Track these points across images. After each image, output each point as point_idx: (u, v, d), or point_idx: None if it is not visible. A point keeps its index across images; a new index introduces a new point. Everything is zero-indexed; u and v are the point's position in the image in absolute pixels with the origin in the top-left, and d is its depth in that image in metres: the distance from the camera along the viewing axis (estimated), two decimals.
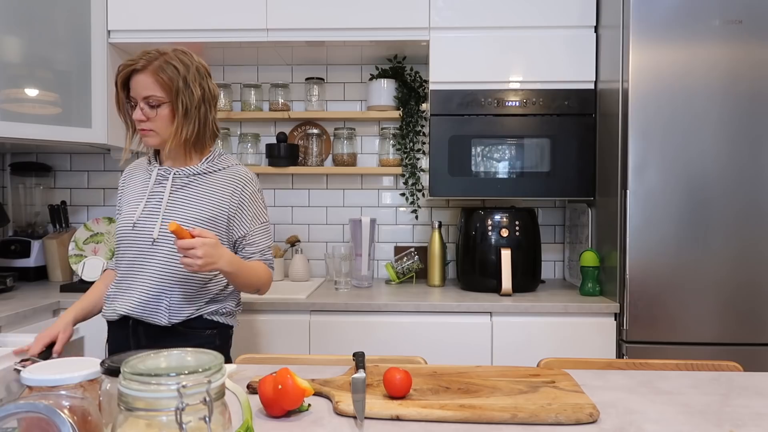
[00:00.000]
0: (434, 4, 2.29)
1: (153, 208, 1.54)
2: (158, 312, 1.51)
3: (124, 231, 1.55)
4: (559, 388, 1.05)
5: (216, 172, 1.59)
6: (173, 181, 1.55)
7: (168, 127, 1.51)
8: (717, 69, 1.96)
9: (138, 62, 1.47)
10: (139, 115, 1.49)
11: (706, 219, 1.96)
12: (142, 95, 1.48)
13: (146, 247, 1.52)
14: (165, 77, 1.48)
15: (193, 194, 1.56)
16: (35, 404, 0.62)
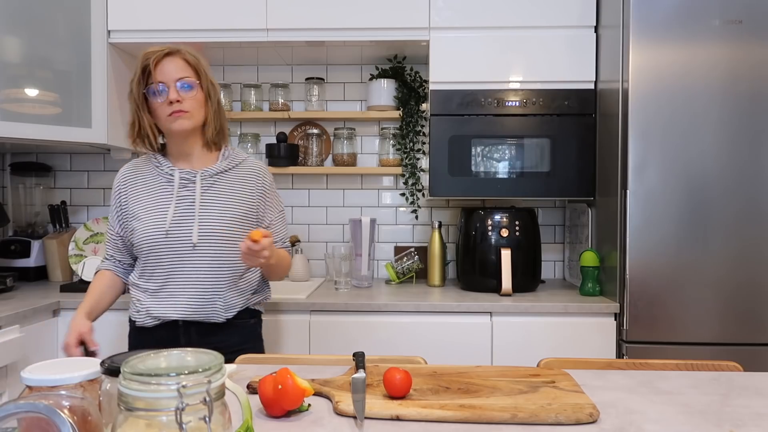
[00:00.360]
0: (434, 4, 2.29)
1: (186, 212, 1.53)
2: (214, 311, 1.55)
3: (155, 238, 1.52)
4: (559, 388, 1.05)
5: (234, 168, 1.61)
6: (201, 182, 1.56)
7: (200, 110, 1.54)
8: (717, 69, 1.96)
9: (166, 49, 1.51)
10: (175, 95, 1.49)
11: (706, 219, 1.96)
12: (176, 77, 1.50)
13: (186, 252, 1.52)
14: (194, 61, 1.54)
15: (222, 193, 1.57)
16: (35, 404, 0.62)
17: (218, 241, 1.54)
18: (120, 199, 1.61)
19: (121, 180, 1.63)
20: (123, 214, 1.60)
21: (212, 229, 1.54)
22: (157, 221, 1.53)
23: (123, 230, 1.62)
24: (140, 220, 1.55)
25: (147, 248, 1.53)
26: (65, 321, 2.09)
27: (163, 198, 1.55)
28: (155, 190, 1.57)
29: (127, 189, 1.60)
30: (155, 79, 1.49)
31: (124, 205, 1.60)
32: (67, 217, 2.66)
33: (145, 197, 1.57)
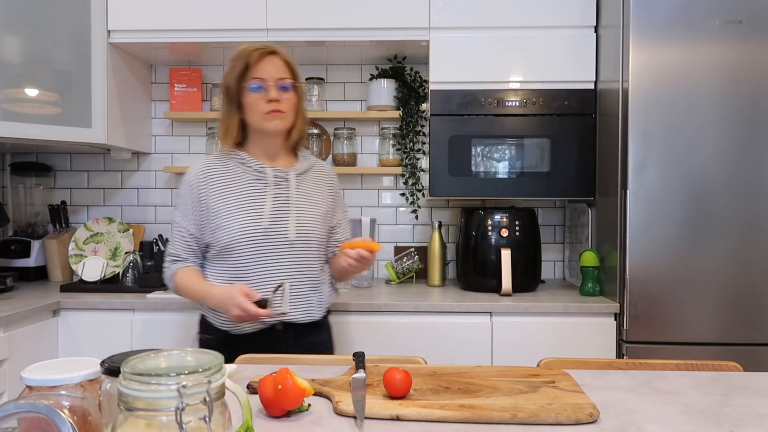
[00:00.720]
0: (434, 4, 2.29)
1: (281, 210, 1.53)
2: (311, 309, 1.57)
3: (252, 234, 1.50)
4: (559, 388, 1.05)
5: (311, 169, 1.64)
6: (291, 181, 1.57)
7: (292, 113, 1.56)
8: (717, 69, 1.96)
9: (267, 47, 1.52)
10: (275, 94, 1.50)
11: (707, 219, 1.96)
12: (276, 77, 1.51)
13: (284, 248, 1.51)
14: (292, 63, 1.55)
15: (308, 193, 1.59)
16: (35, 404, 0.62)
17: (313, 237, 1.56)
18: (199, 197, 1.55)
19: (199, 177, 1.56)
20: (203, 212, 1.55)
21: (308, 227, 1.55)
22: (253, 217, 1.50)
23: (200, 230, 1.56)
24: (230, 217, 1.51)
25: (242, 245, 1.50)
26: (65, 321, 2.09)
27: (256, 195, 1.53)
28: (243, 187, 1.54)
29: (208, 186, 1.55)
30: (256, 74, 1.50)
31: (204, 203, 1.54)
32: (67, 217, 2.66)
33: (231, 194, 1.54)
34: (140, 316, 2.09)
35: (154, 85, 2.75)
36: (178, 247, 1.58)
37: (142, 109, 2.65)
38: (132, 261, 2.38)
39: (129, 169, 2.75)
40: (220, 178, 1.56)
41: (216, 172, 1.57)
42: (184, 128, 2.74)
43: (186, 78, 2.67)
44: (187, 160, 2.74)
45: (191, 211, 1.56)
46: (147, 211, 2.75)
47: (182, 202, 1.58)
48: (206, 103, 2.72)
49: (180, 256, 1.58)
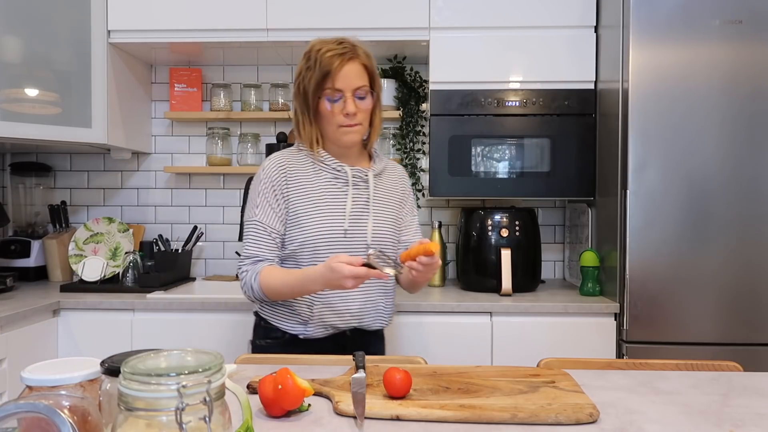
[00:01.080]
0: (434, 4, 2.29)
1: (360, 211, 1.47)
2: (380, 315, 1.50)
3: (334, 238, 1.43)
4: (559, 388, 1.05)
5: (385, 170, 1.58)
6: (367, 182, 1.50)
7: (368, 120, 1.49)
8: (717, 69, 1.96)
9: (346, 50, 1.41)
10: (352, 107, 1.41)
11: (707, 219, 1.96)
12: (354, 86, 1.42)
13: (360, 253, 1.41)
14: (370, 66, 1.45)
15: (383, 194, 1.53)
16: (35, 404, 0.62)
17: (388, 241, 1.50)
18: (283, 193, 1.46)
19: (279, 172, 1.47)
20: (287, 210, 1.46)
21: (384, 229, 1.49)
22: (335, 220, 1.43)
23: (285, 228, 1.47)
24: (310, 216, 1.44)
25: (320, 246, 1.42)
26: (65, 321, 2.09)
27: (336, 194, 1.46)
28: (321, 186, 1.47)
29: (288, 181, 1.47)
30: (333, 85, 1.40)
31: (287, 199, 1.46)
32: (67, 217, 2.66)
33: (311, 193, 1.46)
34: (140, 316, 2.09)
35: (154, 85, 2.75)
36: (262, 247, 1.45)
37: (142, 109, 2.65)
38: (132, 261, 2.38)
39: (129, 169, 2.75)
40: (299, 175, 1.48)
41: (294, 168, 1.48)
42: (184, 128, 2.74)
43: (186, 78, 2.67)
44: (187, 160, 2.74)
45: (276, 206, 1.46)
46: (147, 211, 2.75)
47: (263, 198, 1.46)
48: (206, 103, 2.72)
49: (263, 255, 1.45)
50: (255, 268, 1.44)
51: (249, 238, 1.46)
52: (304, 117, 1.47)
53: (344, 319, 1.46)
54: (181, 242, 2.67)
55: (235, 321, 2.09)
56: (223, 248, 2.74)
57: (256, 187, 1.49)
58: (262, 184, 1.47)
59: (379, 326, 1.52)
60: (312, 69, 1.42)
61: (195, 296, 2.13)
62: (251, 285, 1.44)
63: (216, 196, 2.74)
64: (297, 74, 1.47)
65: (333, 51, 1.40)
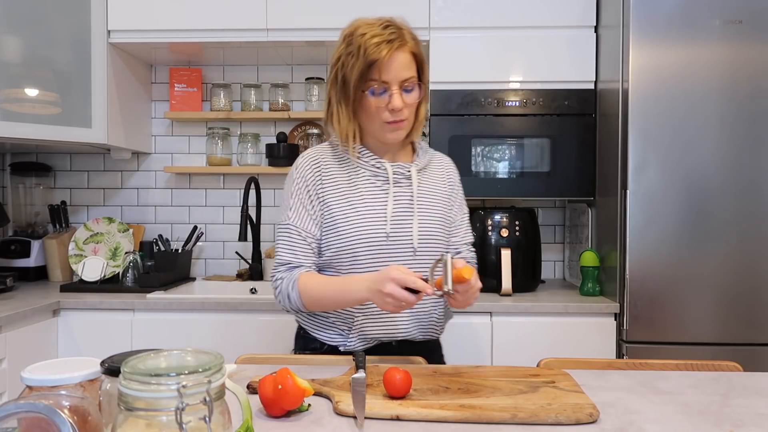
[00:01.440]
0: (434, 4, 2.29)
1: (403, 212, 1.31)
2: (431, 326, 1.36)
3: (375, 242, 1.28)
4: (559, 388, 1.05)
5: (431, 163, 1.42)
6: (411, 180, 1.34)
7: (413, 115, 1.33)
8: (717, 69, 1.96)
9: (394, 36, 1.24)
10: (399, 102, 1.25)
11: (706, 219, 1.96)
12: (401, 78, 1.25)
13: (406, 259, 1.29)
14: (419, 52, 1.29)
15: (429, 191, 1.37)
16: (35, 404, 0.62)
17: (437, 244, 1.34)
18: (318, 194, 1.33)
19: (314, 170, 1.34)
20: (322, 212, 1.33)
21: (431, 230, 1.33)
22: (375, 223, 1.29)
23: (321, 231, 1.33)
24: (349, 222, 1.29)
25: (360, 253, 1.28)
26: (65, 321, 2.09)
27: (375, 195, 1.32)
28: (359, 185, 1.32)
29: (323, 180, 1.33)
30: (379, 76, 1.24)
31: (322, 201, 1.32)
32: (67, 217, 2.66)
33: (348, 194, 1.32)
34: (140, 316, 2.09)
35: (154, 85, 2.75)
36: (297, 252, 1.31)
37: (142, 109, 2.65)
38: (132, 261, 2.38)
39: (129, 169, 2.75)
40: (335, 172, 1.34)
41: (329, 166, 1.35)
42: (184, 128, 2.74)
43: (186, 78, 2.67)
44: (187, 160, 2.74)
45: (311, 208, 1.32)
46: (147, 211, 2.75)
47: (296, 200, 1.33)
48: (206, 103, 2.72)
49: (298, 261, 1.31)
50: (291, 275, 1.30)
51: (282, 242, 1.33)
52: (340, 109, 1.30)
53: (388, 331, 1.31)
54: (181, 242, 2.67)
55: (235, 321, 2.09)
56: (223, 248, 2.74)
57: (289, 187, 1.36)
58: (296, 183, 1.35)
59: (430, 338, 1.37)
60: (355, 56, 1.25)
61: (195, 296, 2.13)
62: (288, 294, 1.29)
63: (216, 196, 2.74)
64: (335, 60, 1.31)
65: (380, 37, 1.24)
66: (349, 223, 1.29)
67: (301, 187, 1.34)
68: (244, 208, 2.39)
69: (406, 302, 1.11)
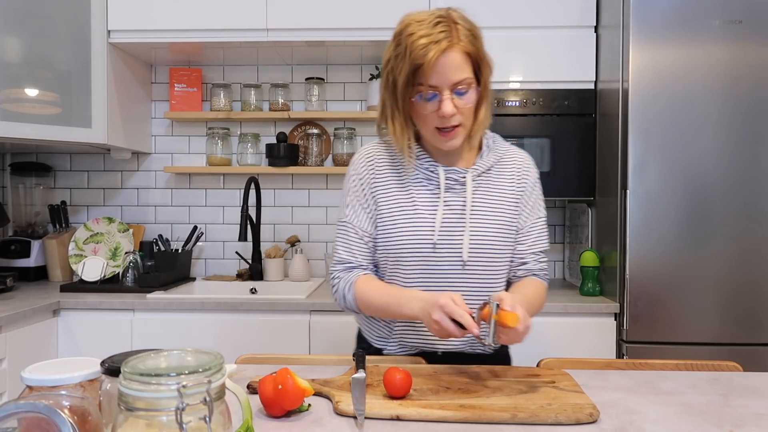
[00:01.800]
0: (434, 4, 2.29)
1: (453, 221, 1.24)
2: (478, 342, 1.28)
3: (421, 251, 1.23)
4: (559, 388, 1.05)
5: (498, 163, 1.32)
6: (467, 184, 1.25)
7: (471, 116, 1.24)
8: (717, 69, 1.96)
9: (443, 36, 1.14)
10: (450, 108, 1.16)
11: (706, 219, 1.96)
12: (451, 81, 1.16)
13: (454, 271, 1.23)
14: (474, 49, 1.20)
15: (488, 197, 1.27)
16: (35, 404, 0.62)
17: (490, 257, 1.25)
18: (372, 191, 1.29)
19: (369, 167, 1.30)
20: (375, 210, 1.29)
21: (485, 242, 1.24)
22: (423, 230, 1.23)
23: (376, 230, 1.29)
24: (396, 225, 1.25)
25: (406, 263, 1.24)
26: (65, 321, 2.09)
27: (427, 200, 1.25)
28: (411, 187, 1.27)
29: (377, 179, 1.28)
30: (426, 80, 1.15)
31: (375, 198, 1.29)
32: (67, 217, 2.66)
33: (398, 195, 1.27)
34: (140, 316, 2.10)
35: (154, 85, 2.75)
36: (354, 251, 1.28)
37: (142, 109, 2.65)
38: (132, 261, 2.38)
39: (129, 169, 2.75)
40: (388, 172, 1.29)
41: (383, 163, 1.30)
42: (184, 128, 2.74)
43: (186, 78, 2.67)
44: (187, 160, 2.74)
45: (366, 205, 1.29)
46: (147, 211, 2.75)
47: (353, 196, 1.30)
48: (206, 103, 2.72)
49: (356, 261, 1.29)
50: (349, 276, 1.28)
51: (339, 240, 1.30)
52: (394, 113, 1.23)
53: (428, 342, 1.27)
54: (181, 242, 2.67)
55: (235, 321, 2.09)
56: (223, 248, 2.74)
57: (347, 184, 1.32)
58: (351, 180, 1.31)
59: (483, 351, 1.29)
60: (402, 58, 1.16)
61: (195, 296, 2.13)
62: (344, 295, 1.27)
63: (216, 196, 2.74)
64: (385, 61, 1.22)
65: (427, 37, 1.13)
66: (396, 227, 1.25)
67: (357, 184, 1.30)
68: (244, 208, 2.39)
69: (451, 334, 1.06)
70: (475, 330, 1.03)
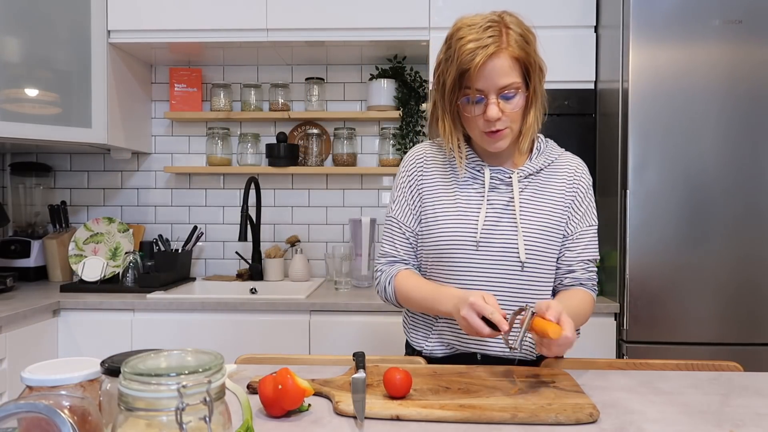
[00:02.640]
0: (434, 4, 2.29)
1: (498, 221, 1.24)
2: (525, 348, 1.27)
3: (461, 249, 1.24)
4: (559, 388, 1.05)
5: (549, 165, 1.31)
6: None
7: (519, 120, 1.23)
8: (717, 69, 1.96)
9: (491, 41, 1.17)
10: (496, 112, 1.18)
11: (706, 219, 1.96)
12: (499, 85, 1.17)
13: (496, 270, 1.24)
14: (524, 54, 1.21)
15: (535, 198, 1.27)
16: (35, 404, 0.62)
17: (534, 258, 1.24)
18: (418, 188, 1.32)
19: (417, 164, 1.34)
20: (420, 207, 1.32)
21: (530, 243, 1.24)
22: (466, 229, 1.24)
23: (420, 226, 1.31)
24: (440, 223, 1.27)
25: (448, 261, 1.26)
26: (65, 321, 2.09)
27: (472, 199, 1.27)
28: (457, 186, 1.29)
29: (424, 176, 1.32)
30: (473, 84, 1.18)
31: (421, 194, 1.32)
32: (67, 217, 2.66)
33: (444, 193, 1.29)
34: (140, 316, 2.10)
35: (154, 85, 2.75)
36: (398, 246, 1.32)
37: (142, 109, 2.65)
38: (132, 261, 2.38)
39: (129, 169, 2.75)
40: (436, 170, 1.32)
41: (432, 161, 1.33)
42: (184, 128, 2.74)
43: (186, 78, 2.67)
44: (187, 160, 2.74)
45: (411, 202, 1.32)
46: (147, 211, 2.75)
47: (400, 193, 1.34)
48: (206, 103, 2.72)
49: (399, 256, 1.33)
50: (390, 270, 1.32)
51: (385, 235, 1.36)
52: (444, 114, 1.25)
53: (463, 341, 1.27)
54: (181, 242, 2.67)
55: (235, 321, 2.09)
56: (223, 248, 2.74)
57: (396, 180, 1.37)
58: (400, 177, 1.36)
59: (528, 358, 1.28)
60: (451, 61, 1.20)
61: (195, 296, 2.13)
62: (384, 287, 1.32)
63: (216, 196, 2.74)
64: (437, 63, 1.26)
65: (475, 42, 1.17)
66: (439, 225, 1.27)
67: (405, 181, 1.34)
68: (244, 208, 2.39)
69: (479, 332, 1.06)
70: (504, 326, 1.04)
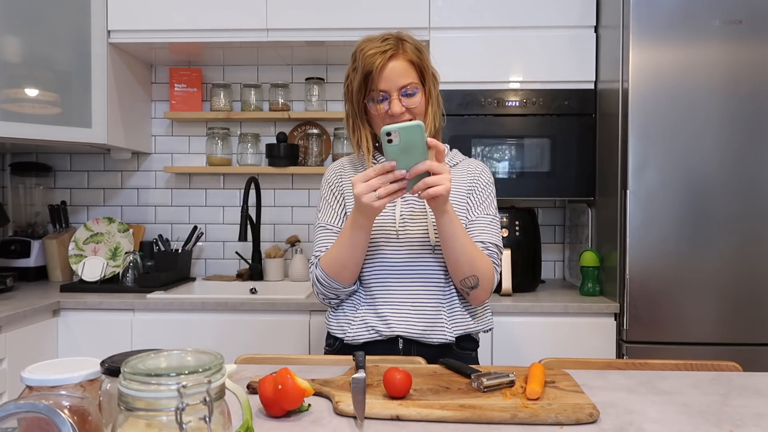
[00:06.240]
0: (434, 4, 2.29)
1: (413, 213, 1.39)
2: (441, 329, 1.36)
3: (384, 240, 1.38)
4: (559, 388, 1.05)
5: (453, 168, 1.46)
6: None
7: (421, 116, 1.37)
8: (717, 69, 1.96)
9: (389, 47, 1.33)
10: (398, 107, 1.32)
11: (706, 219, 1.96)
12: (399, 84, 1.33)
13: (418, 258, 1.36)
14: (417, 60, 1.36)
15: None
16: (35, 404, 0.62)
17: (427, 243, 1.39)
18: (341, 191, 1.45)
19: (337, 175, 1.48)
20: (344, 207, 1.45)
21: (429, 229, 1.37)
22: (385, 223, 1.39)
23: None
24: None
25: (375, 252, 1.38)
26: (65, 321, 2.09)
27: None
28: None
29: (344, 182, 1.45)
30: (377, 86, 1.33)
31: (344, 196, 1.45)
32: (67, 217, 2.66)
33: None
34: (140, 316, 2.10)
35: (154, 85, 2.75)
36: (328, 245, 1.42)
37: (142, 109, 2.65)
38: (132, 261, 2.38)
39: (129, 169, 2.75)
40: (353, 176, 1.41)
41: (351, 170, 1.48)
42: (184, 128, 2.74)
43: (186, 78, 2.67)
44: (187, 160, 2.74)
45: (335, 205, 1.45)
46: (147, 211, 2.75)
47: (324, 202, 1.48)
48: (206, 103, 2.72)
49: None
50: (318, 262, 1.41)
51: (315, 242, 1.45)
52: (355, 120, 1.41)
53: (387, 324, 1.37)
54: (181, 242, 2.67)
55: (235, 321, 2.09)
56: (223, 248, 2.74)
57: (320, 194, 1.50)
58: (323, 188, 1.49)
59: (441, 341, 1.37)
60: (357, 70, 1.37)
61: (195, 296, 2.13)
62: (316, 276, 1.40)
63: (216, 196, 2.74)
64: (346, 75, 1.43)
65: (375, 49, 1.34)
66: None
67: (326, 189, 1.48)
68: (244, 208, 2.39)
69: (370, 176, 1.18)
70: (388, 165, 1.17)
